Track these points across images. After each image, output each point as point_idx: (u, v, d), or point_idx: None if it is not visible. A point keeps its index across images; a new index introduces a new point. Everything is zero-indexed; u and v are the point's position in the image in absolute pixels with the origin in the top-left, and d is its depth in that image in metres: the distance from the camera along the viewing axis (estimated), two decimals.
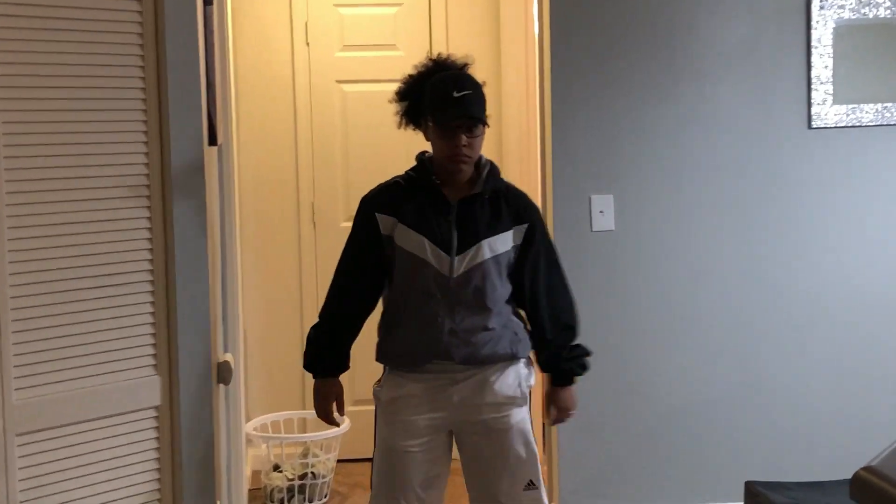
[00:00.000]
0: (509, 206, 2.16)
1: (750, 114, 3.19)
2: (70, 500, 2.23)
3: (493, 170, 2.19)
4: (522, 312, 2.24)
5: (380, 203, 2.18)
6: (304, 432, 3.91)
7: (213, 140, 2.57)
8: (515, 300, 2.20)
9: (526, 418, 2.18)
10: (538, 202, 3.34)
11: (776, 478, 2.77)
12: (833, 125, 3.17)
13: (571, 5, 3.10)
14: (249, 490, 3.81)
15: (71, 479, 2.24)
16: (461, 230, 2.12)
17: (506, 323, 2.16)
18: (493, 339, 2.13)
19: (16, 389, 2.12)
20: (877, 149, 3.19)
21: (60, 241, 2.17)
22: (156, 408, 2.30)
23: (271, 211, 4.11)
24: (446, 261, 2.11)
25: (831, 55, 3.16)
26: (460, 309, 2.12)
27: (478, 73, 2.74)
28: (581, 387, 2.41)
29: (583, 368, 2.23)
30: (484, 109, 2.14)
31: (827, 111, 3.17)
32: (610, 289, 3.09)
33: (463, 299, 2.12)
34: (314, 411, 2.63)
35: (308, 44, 4.03)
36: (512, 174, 3.73)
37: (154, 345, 2.29)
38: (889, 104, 3.18)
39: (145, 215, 2.26)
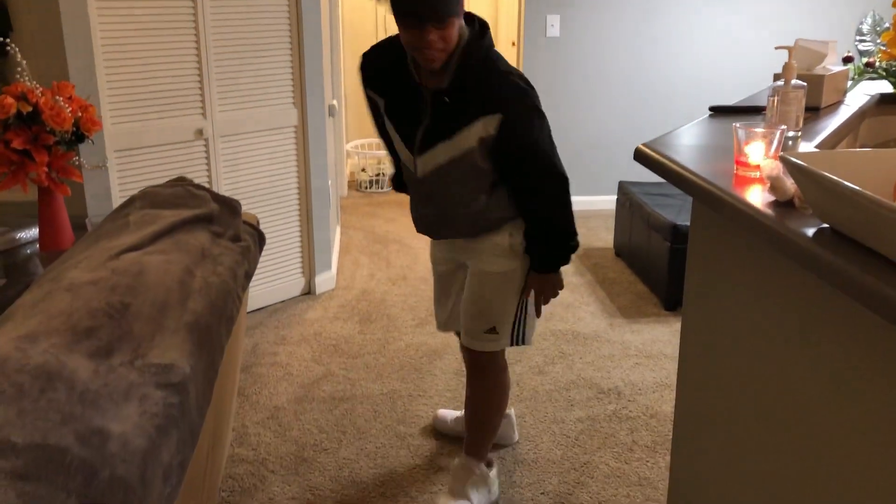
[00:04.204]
0: (478, 95, 1.55)
1: None
2: (249, 173, 2.67)
3: (465, 57, 1.54)
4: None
5: (371, 74, 1.69)
6: (379, 150, 4.57)
7: None
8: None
9: (516, 270, 1.76)
10: (515, 24, 3.76)
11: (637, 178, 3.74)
12: None
13: None
14: (348, 181, 4.69)
15: (249, 164, 2.65)
16: (428, 128, 1.62)
17: (486, 210, 1.70)
18: (472, 225, 1.74)
19: (219, 112, 2.54)
20: None
21: (249, 57, 2.64)
22: (294, 127, 2.77)
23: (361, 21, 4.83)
24: (411, 160, 1.69)
25: None
26: (432, 202, 1.74)
27: None
28: None
29: (557, 262, 1.73)
30: None
31: None
32: (556, 67, 4.04)
33: (432, 196, 1.72)
34: None
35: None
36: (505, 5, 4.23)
37: (292, 89, 2.74)
38: None
39: (286, 21, 2.70)
